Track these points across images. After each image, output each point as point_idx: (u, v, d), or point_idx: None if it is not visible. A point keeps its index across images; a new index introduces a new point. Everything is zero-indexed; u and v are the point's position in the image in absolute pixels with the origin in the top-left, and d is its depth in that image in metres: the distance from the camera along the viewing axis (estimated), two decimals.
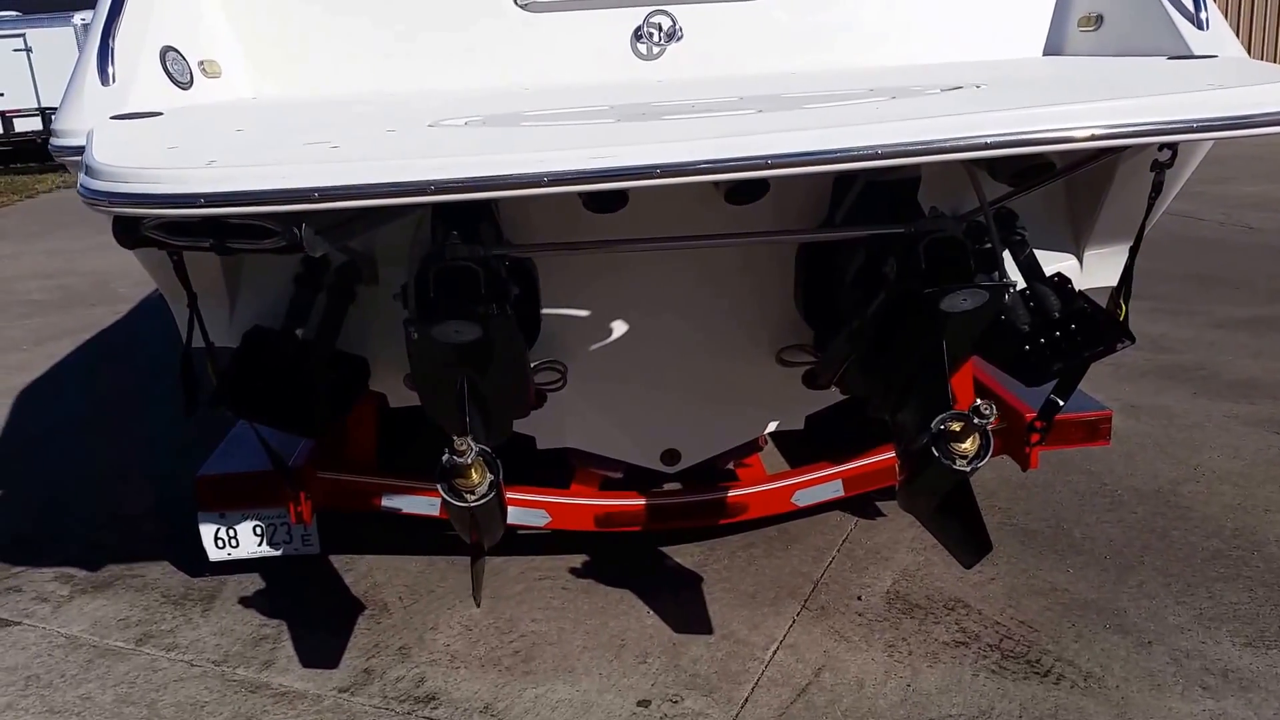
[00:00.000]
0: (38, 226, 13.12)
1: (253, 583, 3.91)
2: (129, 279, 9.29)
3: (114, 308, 8.37)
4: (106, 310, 8.31)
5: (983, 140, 1.92)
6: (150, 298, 8.65)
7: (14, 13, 21.17)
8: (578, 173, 1.88)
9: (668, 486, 3.87)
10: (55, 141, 2.61)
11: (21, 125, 19.87)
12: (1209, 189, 9.09)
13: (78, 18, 20.21)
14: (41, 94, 19.78)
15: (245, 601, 3.79)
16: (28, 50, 19.88)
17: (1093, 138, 1.97)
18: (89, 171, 1.98)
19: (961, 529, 2.77)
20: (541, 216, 2.90)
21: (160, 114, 2.59)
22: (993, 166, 2.59)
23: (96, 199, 1.93)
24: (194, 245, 2.19)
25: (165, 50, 2.83)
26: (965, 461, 2.46)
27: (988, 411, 2.37)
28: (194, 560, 3.89)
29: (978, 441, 2.45)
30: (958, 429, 2.45)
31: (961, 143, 1.92)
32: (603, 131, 2.27)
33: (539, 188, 1.89)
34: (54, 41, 19.79)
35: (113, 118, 2.51)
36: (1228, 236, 8.52)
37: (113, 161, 1.95)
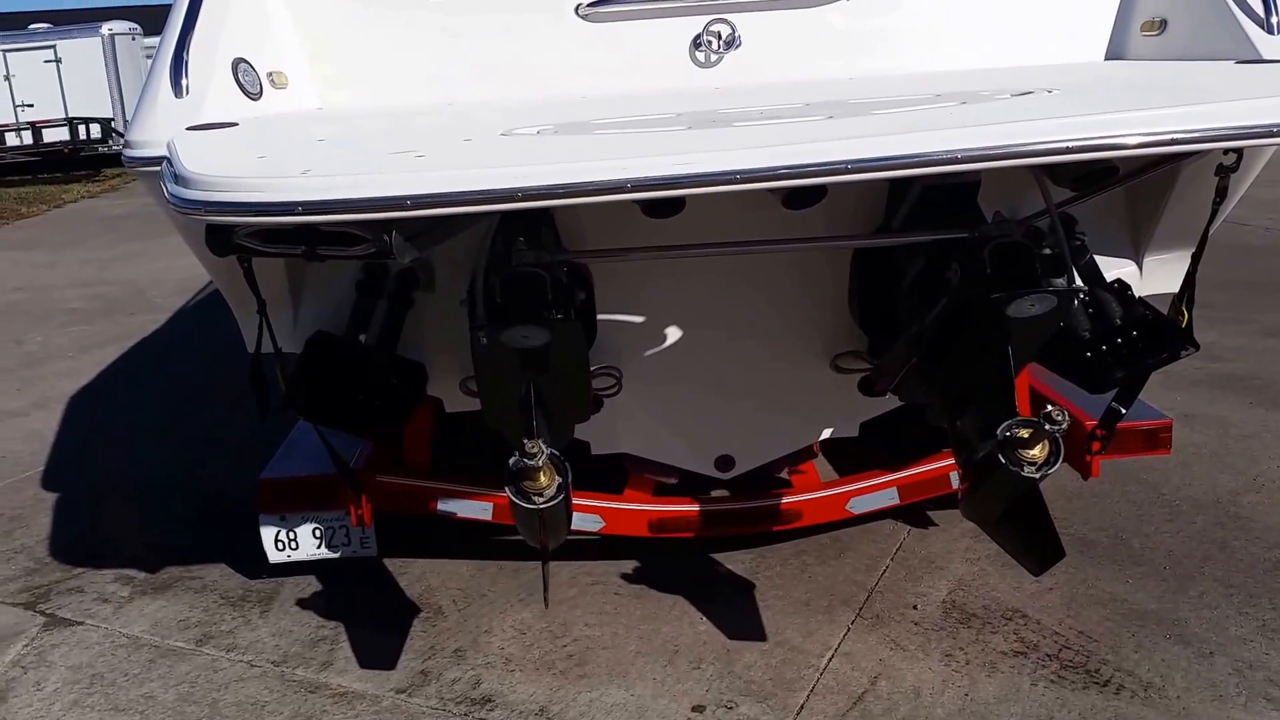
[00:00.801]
0: (68, 236, 13.39)
1: (309, 585, 4.02)
2: (162, 288, 9.50)
3: (153, 316, 8.56)
4: (146, 318, 8.50)
5: (1068, 144, 1.97)
6: (186, 307, 8.84)
7: (46, 25, 21.59)
8: (661, 179, 1.96)
9: (721, 493, 3.93)
10: (130, 152, 2.70)
11: (50, 136, 20.25)
12: (1257, 194, 8.98)
13: (106, 28, 20.59)
14: (70, 105, 20.16)
15: (302, 603, 3.90)
16: (57, 61, 20.26)
17: (1174, 141, 2.00)
18: (181, 181, 2.06)
19: (1030, 536, 2.80)
20: (596, 223, 2.98)
21: (236, 124, 2.69)
22: (1054, 171, 2.64)
23: (192, 208, 2.01)
24: (286, 252, 2.28)
25: (237, 61, 2.94)
26: (1034, 468, 2.49)
27: (1060, 417, 2.39)
28: (250, 562, 4.01)
29: (1047, 448, 2.48)
30: (1026, 435, 2.47)
31: (1046, 147, 1.97)
32: (678, 138, 2.35)
33: (622, 193, 1.96)
34: (83, 53, 20.18)
35: (189, 128, 2.61)
36: (1276, 244, 8.47)
37: (208, 171, 2.03)
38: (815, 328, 3.32)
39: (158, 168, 2.34)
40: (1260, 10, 2.89)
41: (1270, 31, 2.86)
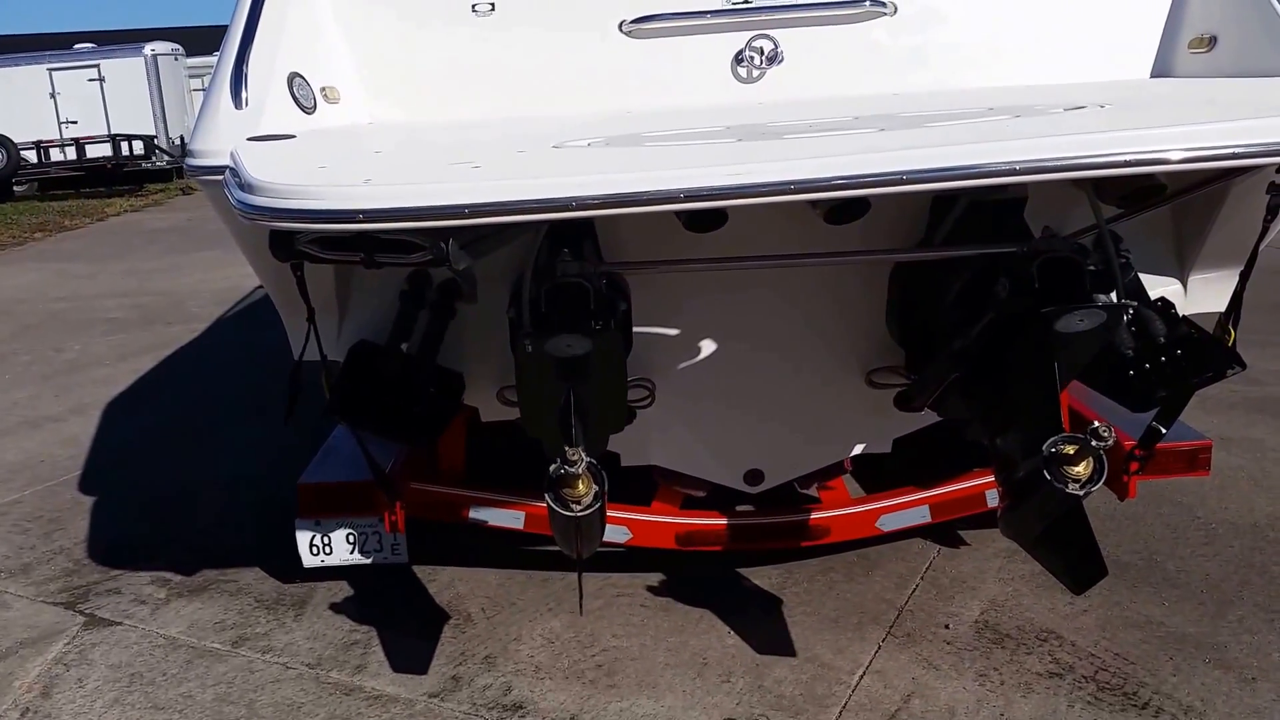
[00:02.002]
0: (109, 248, 13.56)
1: (341, 590, 4.01)
2: (200, 299, 9.59)
3: (190, 326, 8.64)
4: (183, 328, 8.57)
5: (1126, 158, 1.93)
6: (223, 317, 8.91)
7: (90, 45, 21.99)
8: (715, 189, 1.94)
9: (748, 507, 3.88)
10: (193, 161, 2.75)
11: (93, 151, 20.60)
12: None
13: (149, 49, 20.96)
14: (112, 122, 20.50)
15: (335, 607, 3.89)
16: (100, 80, 20.63)
17: (1234, 155, 1.96)
18: (246, 188, 2.09)
19: (1072, 555, 2.73)
20: (637, 235, 2.96)
21: (294, 136, 2.72)
22: (1101, 187, 2.59)
23: (258, 214, 2.04)
24: (345, 259, 2.29)
25: (292, 76, 2.99)
26: (1079, 485, 2.43)
27: (1106, 434, 2.34)
28: (284, 566, 4.01)
29: (1092, 465, 2.43)
30: (1071, 452, 2.42)
31: (1106, 159, 1.93)
32: (729, 150, 2.33)
33: (676, 203, 1.94)
34: (126, 72, 20.58)
35: (249, 139, 2.63)
36: None
37: (273, 179, 2.06)
38: (851, 343, 3.28)
39: (219, 176, 2.37)
40: None
41: None
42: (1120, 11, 3.27)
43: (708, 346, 3.31)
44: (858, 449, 3.71)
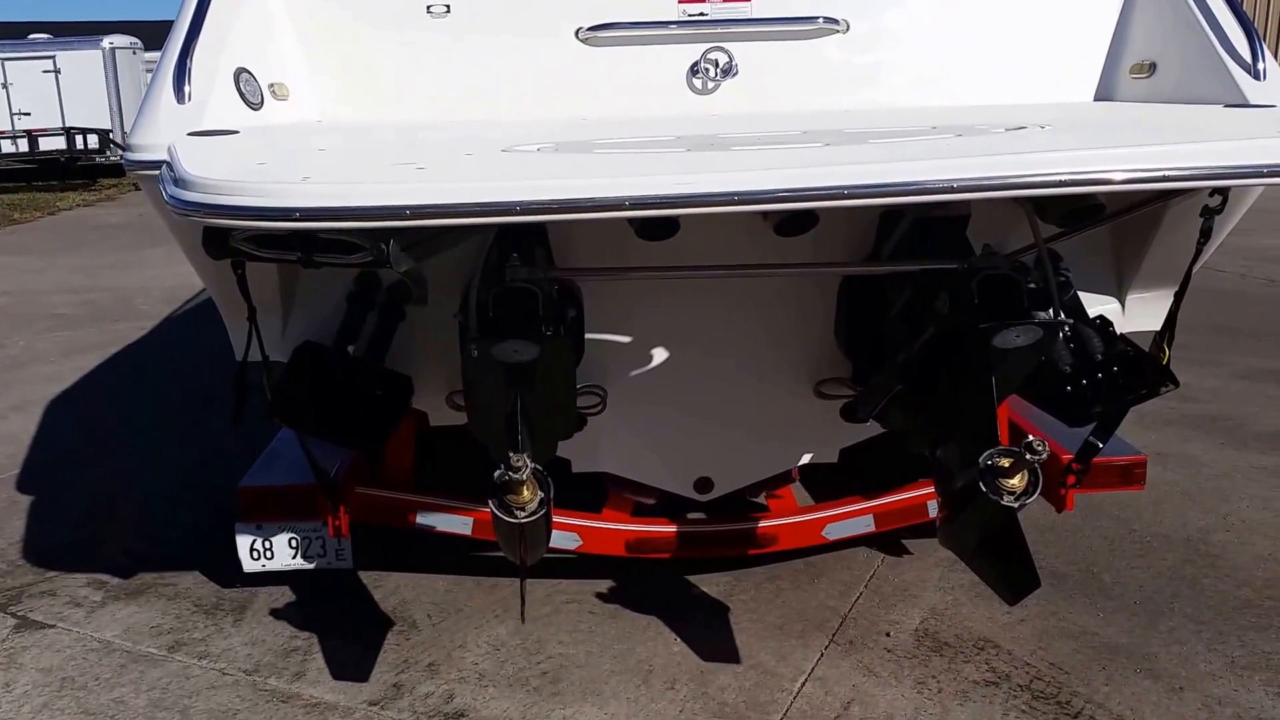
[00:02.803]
0: (60, 243, 13.27)
1: (283, 595, 3.95)
2: (150, 296, 9.42)
3: (138, 324, 8.48)
4: (131, 326, 8.41)
5: (1062, 177, 1.96)
6: (173, 315, 8.76)
7: (46, 36, 21.53)
8: (660, 198, 1.94)
9: (699, 515, 3.89)
10: (130, 155, 2.68)
11: (46, 144, 20.14)
12: (1228, 241, 9.06)
13: (107, 41, 20.55)
14: (67, 115, 20.07)
15: (276, 613, 3.83)
16: (56, 72, 20.19)
17: (1164, 178, 2.00)
18: (180, 183, 2.04)
19: (1006, 566, 2.77)
20: (589, 242, 2.96)
21: (237, 132, 2.67)
22: (1042, 207, 2.64)
23: (191, 210, 1.98)
24: (281, 258, 2.25)
25: (239, 71, 2.92)
26: (1013, 498, 2.47)
27: (1040, 448, 2.38)
28: (225, 571, 3.94)
29: (1026, 478, 2.47)
30: (1007, 465, 2.46)
31: (1042, 179, 1.96)
32: (678, 160, 2.33)
33: (621, 211, 1.94)
34: (82, 64, 20.13)
35: (190, 134, 2.58)
36: (1248, 289, 8.56)
37: (207, 174, 2.01)
38: (800, 354, 3.31)
39: (157, 171, 2.32)
40: (1247, 56, 2.92)
41: (1257, 77, 2.88)
42: (1065, 36, 3.33)
43: (660, 355, 3.32)
44: (805, 459, 3.73)
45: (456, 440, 3.24)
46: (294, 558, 3.59)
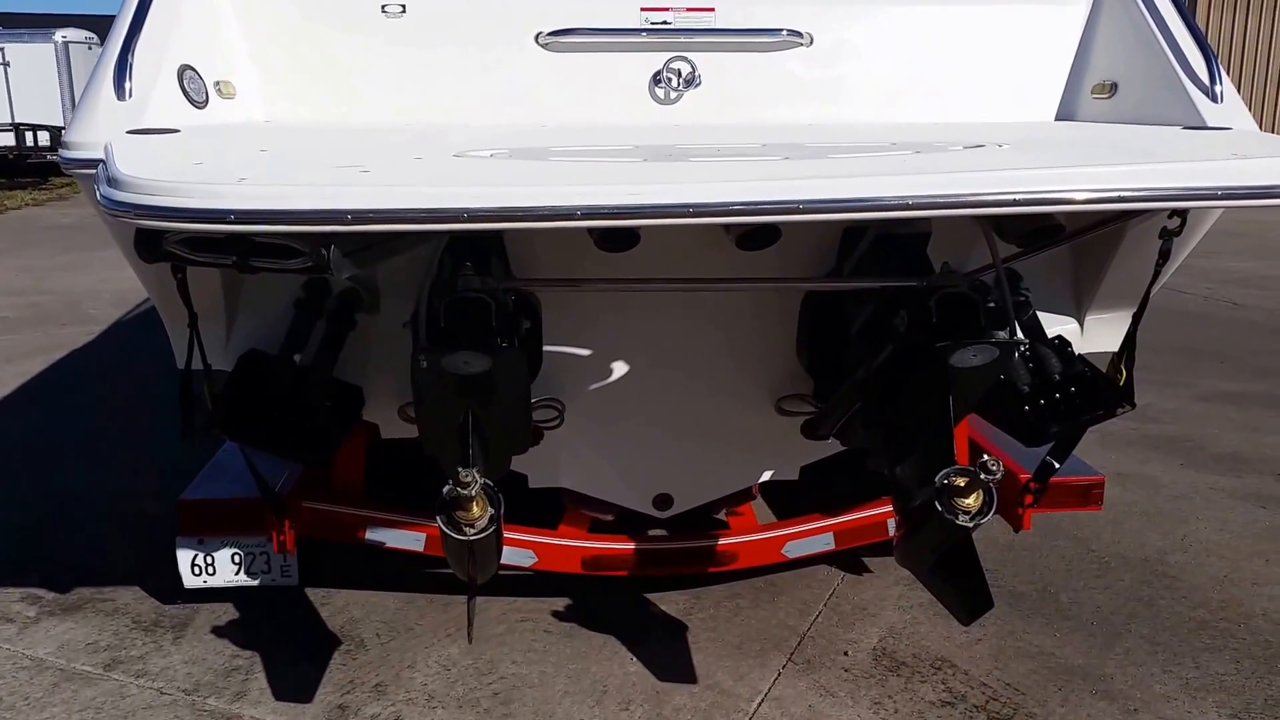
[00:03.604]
0: (6, 243, 13.03)
1: (226, 612, 3.88)
2: (99, 300, 9.28)
3: (85, 328, 8.34)
4: (78, 330, 8.27)
5: (1018, 196, 1.98)
6: (122, 319, 8.63)
7: None
8: (612, 208, 1.93)
9: (658, 532, 3.88)
10: (67, 153, 2.62)
11: None
12: (1193, 263, 9.25)
13: (59, 35, 20.23)
14: (16, 110, 19.72)
15: (218, 631, 3.76)
16: (5, 65, 19.84)
17: (1120, 199, 2.03)
18: (113, 183, 1.99)
19: (961, 586, 2.79)
20: (548, 253, 2.95)
21: (178, 131, 2.62)
22: (1001, 226, 2.67)
23: (121, 210, 1.94)
24: (217, 262, 2.21)
25: (183, 69, 2.87)
26: (968, 517, 2.49)
27: (995, 468, 2.40)
28: (167, 586, 3.86)
29: (981, 497, 2.49)
30: (962, 484, 2.48)
31: (997, 198, 1.98)
32: (633, 169, 2.32)
33: (572, 220, 1.93)
34: (34, 58, 19.78)
35: (129, 132, 2.54)
36: (1212, 311, 8.72)
37: (140, 174, 1.96)
38: (762, 370, 3.31)
39: (94, 170, 2.27)
40: (1206, 79, 2.98)
41: (1214, 100, 2.94)
42: (1028, 56, 3.38)
43: (619, 369, 3.30)
44: (766, 475, 3.74)
45: (409, 454, 3.21)
46: (237, 574, 3.53)
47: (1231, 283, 9.63)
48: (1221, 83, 2.96)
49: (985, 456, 2.44)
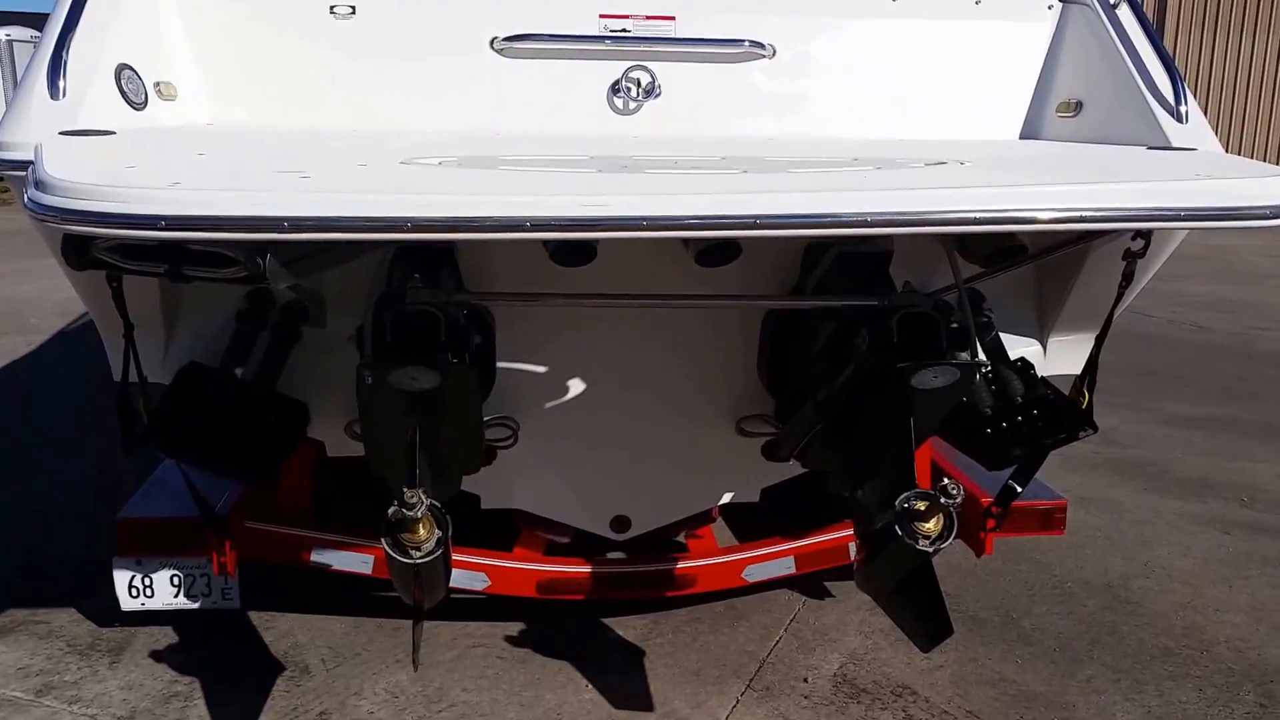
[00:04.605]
0: None
1: (165, 636, 3.79)
2: (42, 309, 9.10)
3: (27, 338, 8.18)
4: (19, 340, 8.11)
5: (979, 215, 1.98)
6: (66, 329, 8.47)
7: None
8: (563, 220, 1.90)
9: (615, 555, 3.85)
10: None
11: None
12: (1159, 287, 9.36)
13: (3, 33, 19.92)
14: None
15: (156, 655, 3.67)
16: None
17: (1083, 219, 2.04)
18: (40, 186, 1.94)
19: (921, 612, 2.79)
20: (503, 266, 2.92)
21: (113, 133, 2.57)
22: (964, 245, 2.68)
23: (47, 214, 1.89)
24: (148, 270, 2.16)
25: (121, 68, 2.82)
26: (928, 542, 2.49)
27: (955, 491, 2.40)
28: (103, 609, 3.77)
29: (942, 522, 2.48)
30: (922, 508, 2.48)
31: (958, 216, 1.98)
32: (586, 180, 2.30)
33: (520, 232, 1.90)
34: None
35: (62, 133, 2.48)
36: (1177, 335, 8.85)
37: (67, 177, 1.91)
38: (722, 389, 3.30)
39: (24, 172, 2.21)
40: (1171, 99, 3.01)
41: (1180, 120, 2.98)
42: (993, 73, 3.41)
43: (576, 386, 3.28)
44: (726, 497, 3.72)
45: (356, 473, 3.15)
46: (176, 596, 3.46)
47: (1196, 306, 9.79)
48: (1187, 103, 3.00)
49: (945, 480, 2.44)
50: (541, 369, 3.22)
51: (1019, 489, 3.32)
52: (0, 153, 2.53)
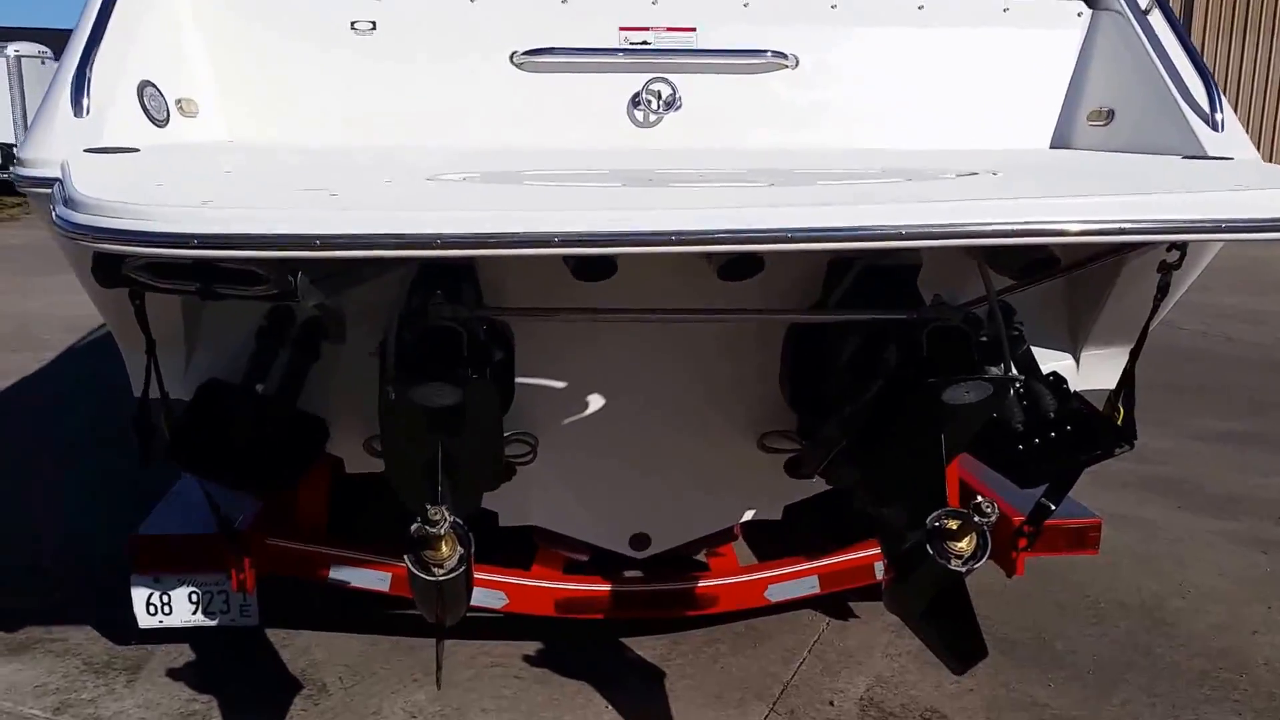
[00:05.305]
0: None
1: (182, 654, 3.81)
2: (52, 324, 9.16)
3: (37, 354, 8.24)
4: (29, 356, 8.18)
5: (1017, 228, 1.97)
6: (75, 345, 8.53)
7: None
8: (591, 235, 1.91)
9: (634, 573, 3.84)
10: (21, 171, 2.60)
11: None
12: (1186, 298, 9.25)
13: (12, 49, 20.13)
14: None
15: (174, 673, 3.69)
16: None
17: (1120, 231, 2.03)
18: (70, 204, 1.97)
19: (954, 633, 2.77)
20: (522, 281, 2.93)
21: (137, 150, 2.61)
22: (995, 257, 2.67)
23: (79, 233, 1.91)
24: (179, 288, 2.18)
25: (143, 85, 2.86)
26: (961, 562, 2.47)
27: (989, 510, 2.38)
28: (120, 626, 3.79)
29: (975, 541, 2.47)
30: (954, 527, 2.46)
31: (995, 228, 1.97)
32: (612, 195, 2.31)
33: (549, 248, 1.91)
34: None
35: (86, 150, 2.52)
36: (1208, 347, 8.79)
37: (98, 195, 1.94)
38: (743, 405, 3.29)
39: (50, 189, 2.24)
40: (1206, 106, 2.99)
41: (1215, 128, 2.96)
42: (1022, 80, 3.41)
43: (595, 402, 3.28)
44: (748, 515, 3.71)
45: (374, 489, 3.16)
46: (194, 614, 3.48)
47: (1225, 317, 9.72)
48: (1222, 110, 2.98)
49: (979, 498, 2.43)
50: (560, 384, 3.22)
51: (1052, 507, 3.29)
52: (25, 169, 2.57)
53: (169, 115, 2.91)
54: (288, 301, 2.15)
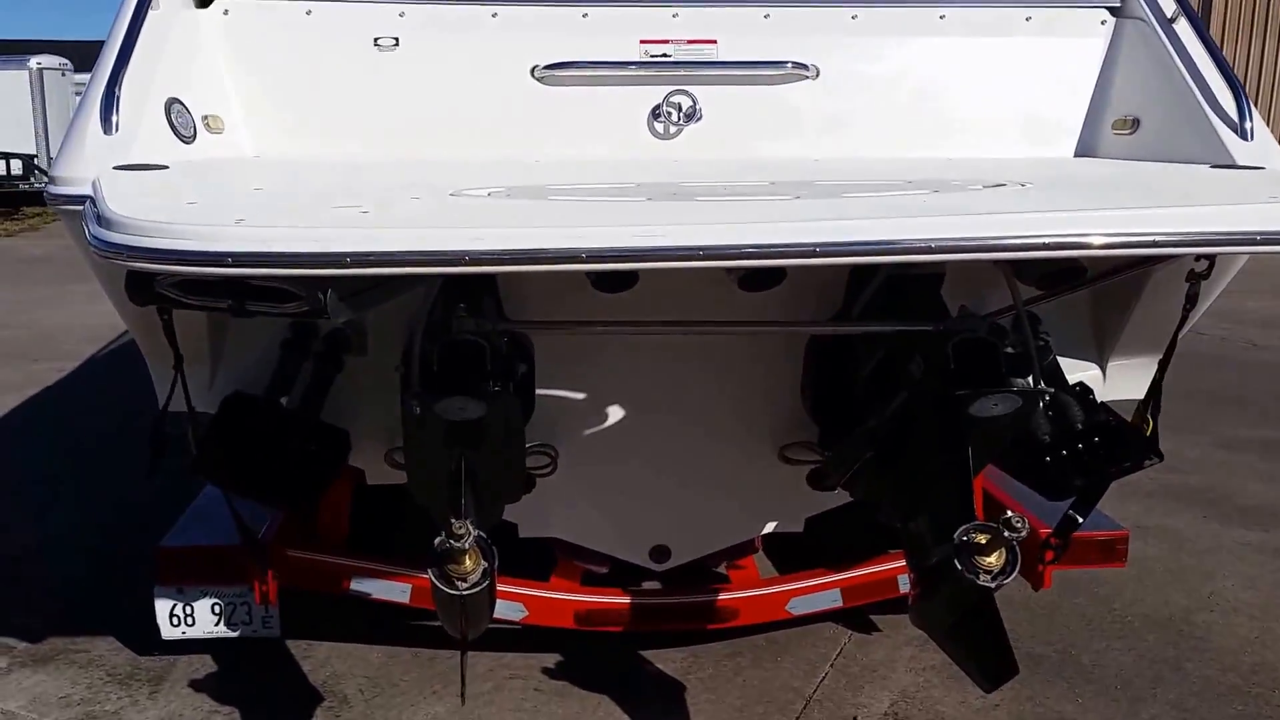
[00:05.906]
0: None
1: (204, 664, 3.83)
2: (74, 335, 9.25)
3: (59, 364, 8.31)
4: (50, 366, 8.24)
5: (1048, 240, 1.96)
6: (96, 355, 8.60)
7: None
8: (618, 250, 1.92)
9: (654, 586, 3.83)
10: (53, 189, 2.64)
11: None
12: (1214, 305, 9.33)
13: (34, 61, 20.35)
14: None
15: (196, 685, 3.71)
16: None
17: (1150, 244, 2.02)
18: (104, 222, 1.99)
19: (983, 649, 2.74)
20: (542, 293, 2.94)
21: (166, 167, 2.64)
22: (1021, 268, 2.65)
23: (114, 252, 1.94)
24: (211, 305, 2.20)
25: (171, 102, 2.90)
26: (990, 577, 2.45)
27: (1019, 524, 2.37)
28: (142, 637, 3.82)
29: (1004, 556, 2.45)
30: (983, 541, 2.44)
31: (1025, 241, 1.96)
32: (638, 209, 2.32)
33: (577, 263, 1.92)
34: (7, 85, 19.84)
35: (116, 168, 2.55)
36: (1231, 353, 8.71)
37: (132, 214, 1.97)
38: (764, 416, 3.29)
39: (80, 206, 2.27)
40: (1234, 115, 2.97)
41: (1244, 137, 2.93)
42: (1046, 89, 3.39)
43: (615, 414, 3.28)
44: (769, 527, 3.70)
45: (395, 501, 3.17)
46: (217, 625, 3.51)
47: (1249, 324, 9.64)
48: (1252, 119, 2.96)
49: (1009, 513, 2.41)
50: (580, 395, 3.23)
51: (1080, 520, 3.26)
52: (56, 187, 2.61)
53: (196, 132, 2.95)
54: (317, 318, 2.17)
